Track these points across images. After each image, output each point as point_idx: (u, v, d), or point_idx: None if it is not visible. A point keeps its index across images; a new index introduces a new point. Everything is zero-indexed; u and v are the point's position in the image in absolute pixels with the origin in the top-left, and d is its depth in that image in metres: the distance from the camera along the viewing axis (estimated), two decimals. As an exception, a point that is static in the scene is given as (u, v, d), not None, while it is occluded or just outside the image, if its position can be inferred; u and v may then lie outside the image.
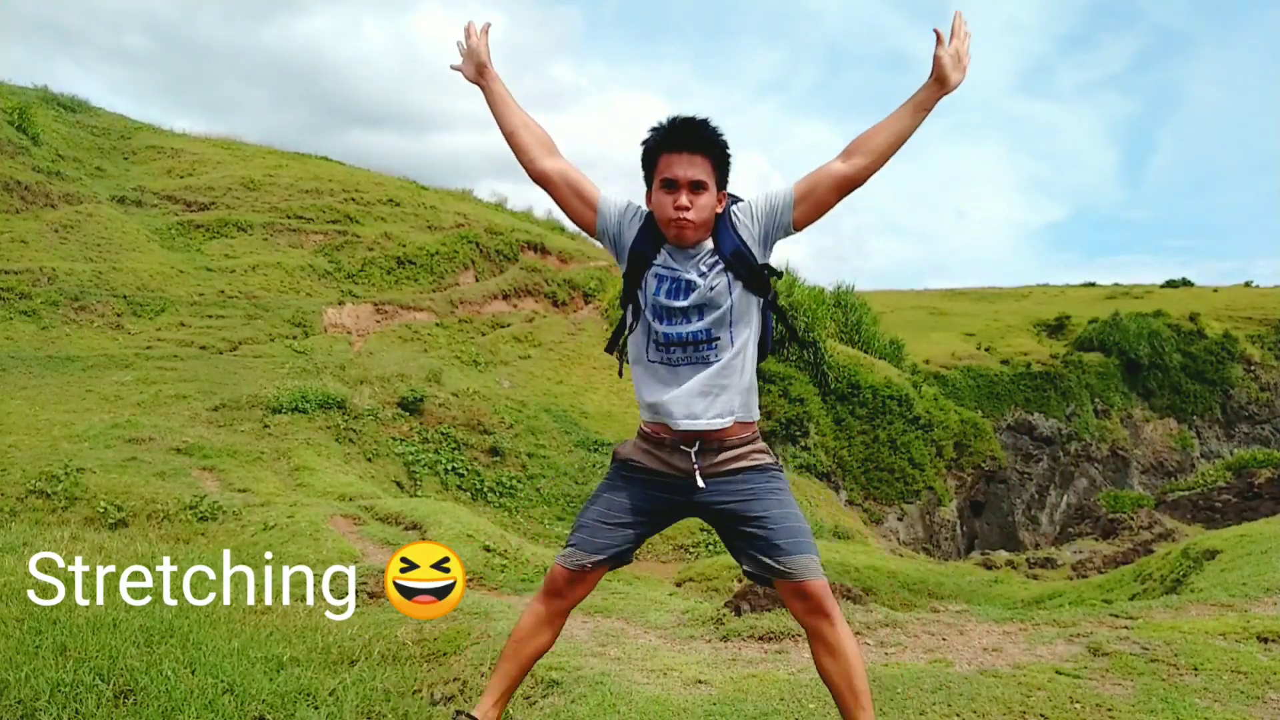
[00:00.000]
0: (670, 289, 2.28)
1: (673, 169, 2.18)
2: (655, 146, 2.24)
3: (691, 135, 2.19)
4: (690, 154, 2.18)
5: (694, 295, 2.27)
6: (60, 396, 12.27)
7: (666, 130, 2.23)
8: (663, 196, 2.21)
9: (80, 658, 3.82)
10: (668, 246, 2.29)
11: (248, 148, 26.65)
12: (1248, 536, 7.31)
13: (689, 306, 2.28)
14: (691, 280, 2.27)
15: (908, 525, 19.71)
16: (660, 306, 2.29)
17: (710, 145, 2.21)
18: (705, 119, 2.23)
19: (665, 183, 2.19)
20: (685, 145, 2.19)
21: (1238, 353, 39.64)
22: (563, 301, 22.99)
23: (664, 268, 2.29)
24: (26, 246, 16.76)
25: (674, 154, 2.19)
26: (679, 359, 2.32)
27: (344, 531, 8.03)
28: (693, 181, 2.18)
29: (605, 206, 2.35)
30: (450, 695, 4.02)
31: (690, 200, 2.18)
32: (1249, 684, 3.63)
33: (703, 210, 2.20)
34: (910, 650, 4.45)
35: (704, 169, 2.19)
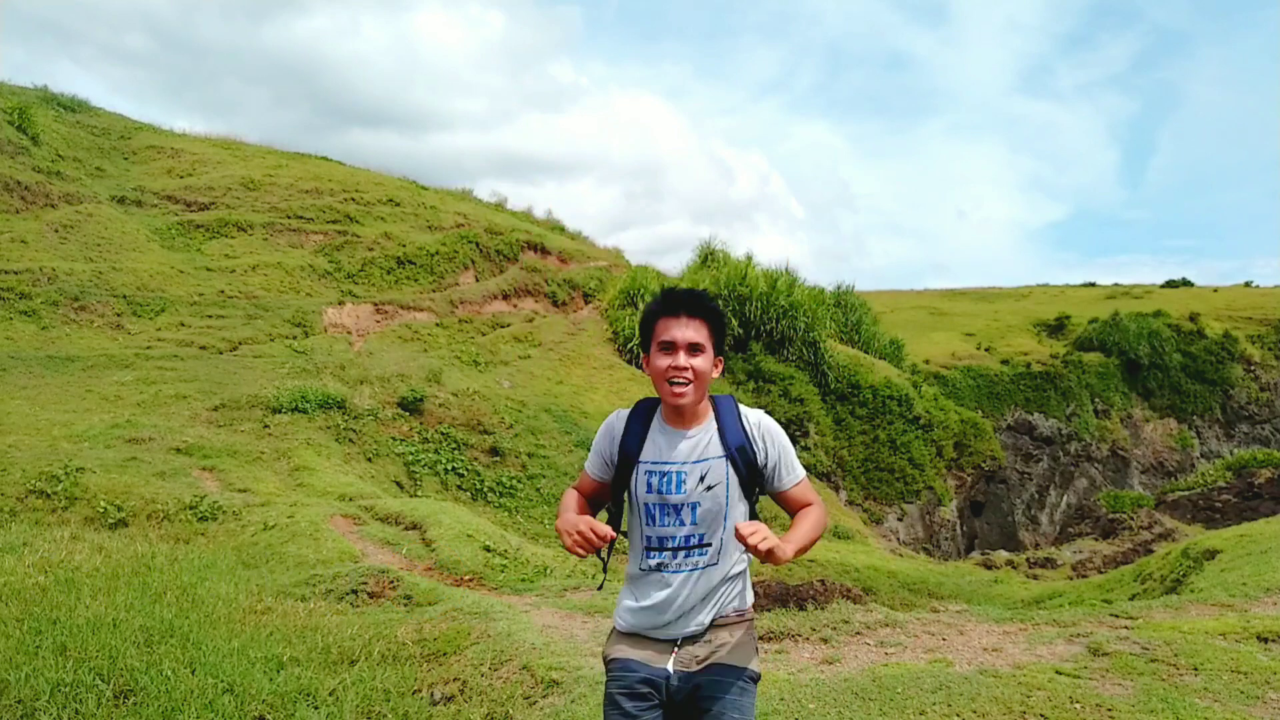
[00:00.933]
0: (659, 483, 2.25)
1: (670, 332, 2.23)
2: (653, 314, 2.29)
3: (688, 302, 2.26)
4: (688, 318, 2.24)
5: (683, 491, 2.24)
6: (60, 396, 12.27)
7: (663, 299, 2.29)
8: (661, 358, 2.23)
9: (80, 658, 3.82)
10: (657, 426, 2.29)
11: (248, 148, 26.67)
12: (1248, 536, 7.32)
13: (679, 503, 2.24)
14: (682, 475, 2.24)
15: (908, 525, 19.71)
16: (645, 505, 2.25)
17: (707, 312, 2.26)
18: (701, 291, 2.32)
19: (663, 345, 2.23)
20: (682, 310, 2.24)
21: (1238, 353, 39.64)
22: (563, 301, 22.99)
23: (652, 461, 2.26)
24: (26, 246, 16.77)
25: (671, 318, 2.24)
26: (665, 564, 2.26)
27: (344, 531, 8.03)
28: (691, 343, 2.22)
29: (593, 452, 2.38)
30: (450, 695, 4.02)
31: (689, 361, 2.21)
32: (1249, 684, 3.63)
33: (702, 371, 2.22)
34: (910, 650, 4.45)
35: (701, 332, 2.24)
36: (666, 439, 2.27)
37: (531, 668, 4.12)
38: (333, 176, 24.49)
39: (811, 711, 3.57)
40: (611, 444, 2.32)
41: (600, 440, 2.35)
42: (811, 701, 3.65)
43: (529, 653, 4.31)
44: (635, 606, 2.28)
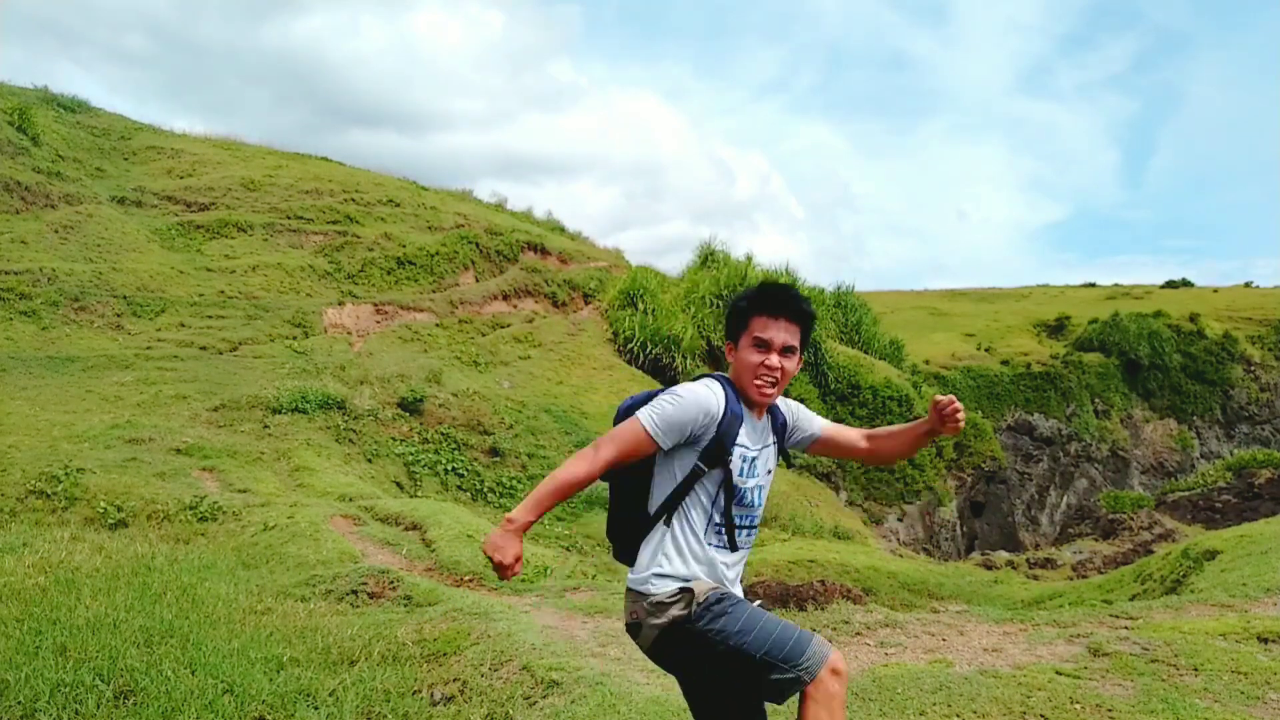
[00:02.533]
0: (749, 468, 2.34)
1: (768, 330, 2.29)
2: (751, 306, 2.33)
3: (789, 304, 2.31)
4: (787, 321, 2.30)
5: (756, 476, 2.36)
6: (60, 397, 12.26)
7: (765, 294, 2.33)
8: (753, 354, 2.29)
9: (80, 658, 3.82)
10: (748, 419, 2.34)
11: (248, 148, 26.66)
12: (1248, 537, 7.31)
13: (754, 487, 2.36)
14: (759, 457, 2.37)
15: (908, 525, 19.71)
16: (738, 489, 2.32)
17: (804, 317, 2.33)
18: (798, 291, 2.37)
19: (759, 342, 2.29)
20: (782, 311, 2.30)
21: (1238, 353, 39.63)
22: (563, 302, 22.99)
23: (745, 445, 2.32)
24: (26, 247, 16.77)
25: (770, 318, 2.29)
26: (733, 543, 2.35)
27: (344, 532, 8.03)
28: (785, 346, 2.29)
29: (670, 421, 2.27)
30: (450, 696, 4.02)
31: (779, 361, 2.28)
32: (1249, 684, 3.63)
33: (788, 375, 2.31)
34: (910, 650, 4.45)
35: (795, 335, 2.31)
36: (751, 425, 2.34)
37: (531, 668, 4.13)
38: (333, 177, 24.49)
39: (811, 712, 3.56)
40: (709, 422, 2.26)
41: (688, 413, 2.25)
42: (811, 702, 3.64)
43: (529, 653, 4.31)
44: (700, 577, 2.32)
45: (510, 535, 2.22)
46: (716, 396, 2.29)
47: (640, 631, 2.35)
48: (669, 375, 19.89)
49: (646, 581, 2.32)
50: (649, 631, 2.32)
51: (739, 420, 2.30)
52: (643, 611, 2.32)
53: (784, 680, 2.17)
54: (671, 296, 22.56)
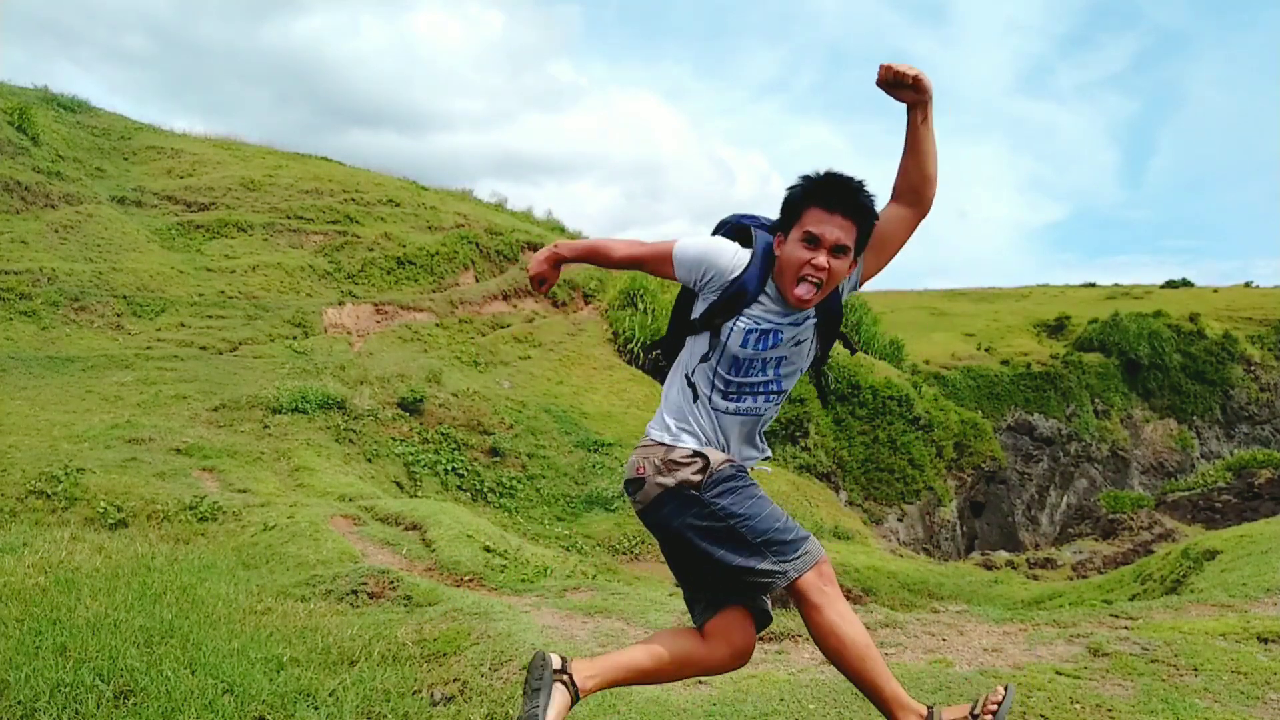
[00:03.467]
0: (756, 340, 2.21)
1: (821, 226, 2.10)
2: (805, 196, 2.14)
3: (848, 197, 2.11)
4: (843, 216, 2.11)
5: (778, 348, 2.23)
6: (60, 397, 12.26)
7: (822, 184, 2.13)
8: (801, 250, 2.12)
9: (80, 658, 3.82)
10: (769, 293, 2.20)
11: (248, 148, 26.66)
12: (1248, 537, 7.31)
13: (768, 358, 2.24)
14: (779, 330, 2.22)
15: (908, 525, 19.71)
16: (736, 358, 2.22)
17: (863, 212, 2.13)
18: (862, 182, 2.14)
19: (809, 236, 2.11)
20: (839, 206, 2.11)
21: (1238, 353, 39.64)
22: (563, 302, 22.99)
23: (755, 318, 2.20)
24: (26, 247, 16.76)
25: (825, 211, 2.11)
26: (737, 408, 2.27)
27: (344, 532, 8.03)
28: (837, 245, 2.11)
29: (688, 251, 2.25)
30: (450, 695, 4.02)
31: (828, 262, 2.10)
32: (1249, 684, 3.63)
33: (836, 277, 2.14)
34: (910, 650, 4.45)
35: (850, 234, 2.12)
36: (773, 299, 2.20)
37: (531, 668, 4.12)
38: (333, 177, 24.48)
39: (812, 712, 3.57)
40: (713, 277, 2.20)
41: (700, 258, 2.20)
42: (812, 702, 3.65)
43: (529, 653, 4.31)
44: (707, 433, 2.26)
45: (549, 258, 2.40)
46: (734, 260, 2.19)
47: (641, 488, 2.26)
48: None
49: (663, 431, 2.27)
50: (650, 489, 2.23)
51: (751, 289, 2.17)
52: (650, 467, 2.24)
53: (768, 573, 2.13)
54: (672, 296, 22.55)
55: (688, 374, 2.28)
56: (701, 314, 2.24)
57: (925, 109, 2.09)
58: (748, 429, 2.31)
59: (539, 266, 2.40)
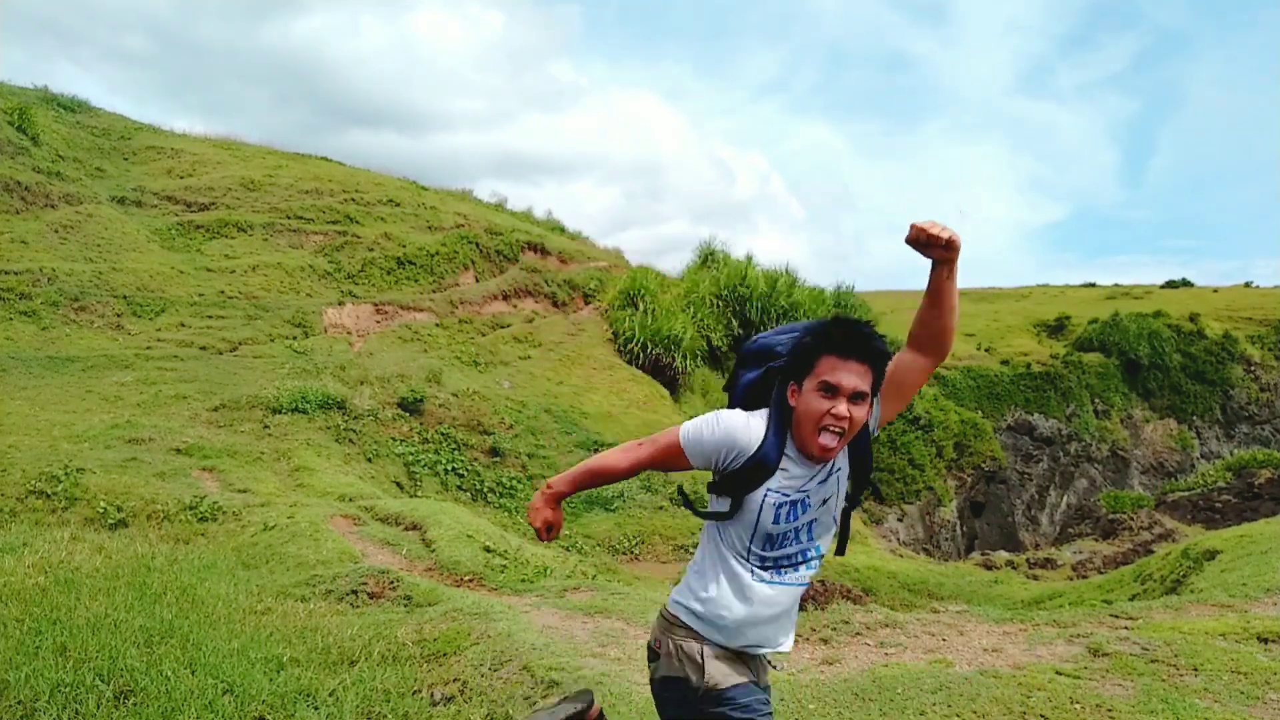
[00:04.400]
0: (787, 513, 2.12)
1: (838, 374, 2.03)
2: (818, 345, 2.08)
3: (862, 344, 2.06)
4: (858, 362, 2.05)
5: (808, 513, 2.15)
6: (60, 397, 12.26)
7: (835, 332, 2.08)
8: (819, 400, 2.04)
9: (80, 658, 3.82)
10: (790, 455, 2.12)
11: (248, 148, 26.66)
12: (1248, 537, 7.32)
13: (799, 526, 2.15)
14: (807, 497, 2.13)
15: (908, 525, 19.71)
16: (770, 534, 2.13)
17: (878, 357, 2.08)
18: (873, 327, 2.12)
19: (826, 386, 2.04)
20: (853, 353, 2.05)
21: (1238, 353, 39.64)
22: (563, 302, 22.99)
23: (783, 490, 2.11)
24: (26, 247, 16.77)
25: (840, 359, 2.04)
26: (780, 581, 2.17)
27: (344, 532, 8.03)
28: (855, 392, 2.04)
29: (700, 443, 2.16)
30: (450, 696, 4.02)
31: (849, 410, 2.04)
32: (1249, 684, 3.63)
33: (857, 424, 2.07)
34: (910, 650, 4.45)
35: (867, 379, 2.06)
36: (797, 466, 2.11)
37: (531, 668, 4.13)
38: (333, 177, 24.49)
39: (812, 712, 3.57)
40: (735, 457, 2.11)
41: (716, 441, 2.12)
42: (812, 702, 3.65)
43: (529, 653, 4.31)
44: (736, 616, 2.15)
45: (546, 500, 2.25)
46: (749, 434, 2.10)
47: (656, 660, 2.21)
48: (669, 375, 19.89)
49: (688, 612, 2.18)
50: (663, 666, 2.18)
51: (772, 461, 2.09)
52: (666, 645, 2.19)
53: None
54: (671, 296, 22.57)
55: (719, 544, 2.19)
56: (721, 482, 2.16)
57: (952, 265, 2.06)
58: (785, 605, 2.20)
59: (541, 515, 2.24)
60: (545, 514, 2.25)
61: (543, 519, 2.25)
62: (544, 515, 2.25)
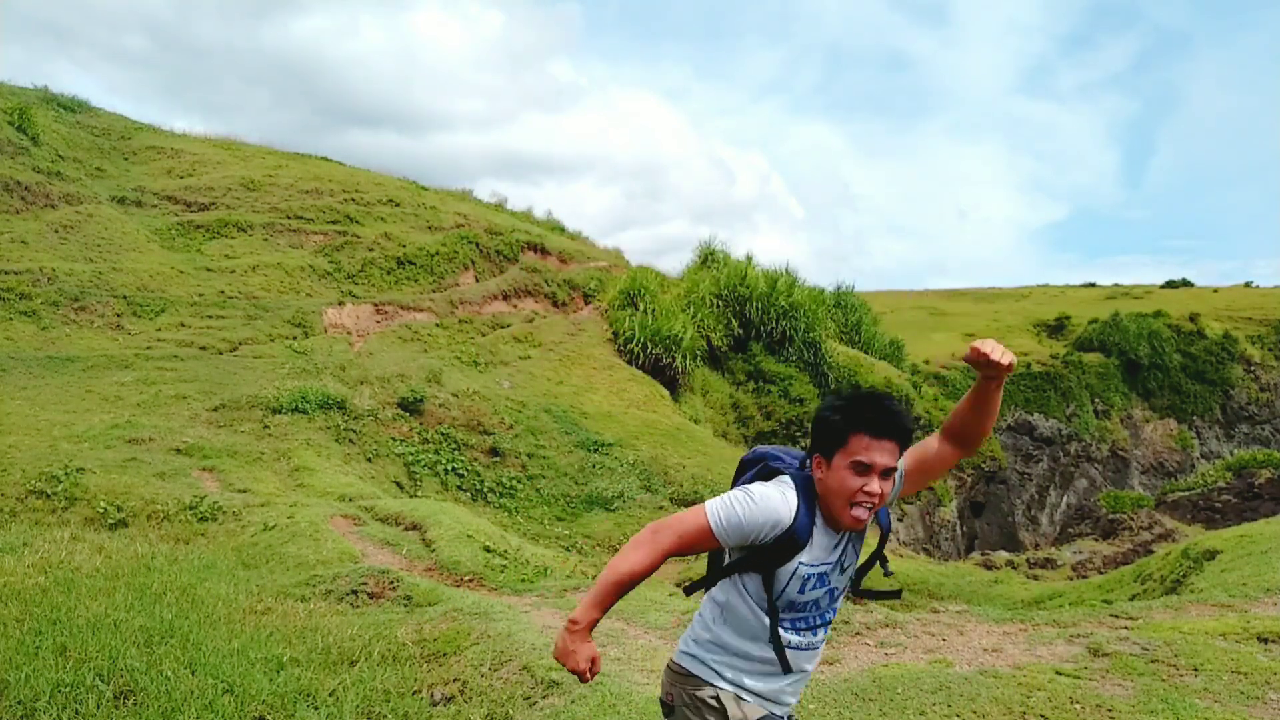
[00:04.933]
0: (813, 585, 2.17)
1: (871, 454, 2.07)
2: (848, 424, 2.10)
3: (895, 423, 2.10)
4: (889, 441, 2.09)
5: (830, 580, 2.20)
6: (60, 397, 12.27)
7: (867, 411, 2.11)
8: (851, 477, 2.08)
9: (80, 658, 3.82)
10: (818, 526, 2.16)
11: (248, 148, 26.67)
12: (1248, 537, 7.31)
13: (820, 596, 2.20)
14: (829, 570, 2.19)
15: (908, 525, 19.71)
16: (794, 603, 2.17)
17: (907, 434, 2.13)
18: (901, 404, 2.17)
19: (859, 465, 2.08)
20: (886, 433, 2.08)
21: (1238, 353, 39.66)
22: (563, 302, 22.99)
23: (811, 563, 2.14)
24: (26, 247, 16.77)
25: (874, 439, 2.08)
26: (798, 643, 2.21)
27: (344, 532, 8.03)
28: (886, 469, 2.09)
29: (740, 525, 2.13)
30: (450, 696, 4.02)
31: (880, 487, 2.09)
32: (1249, 684, 3.63)
33: (886, 497, 2.13)
34: (910, 650, 4.45)
35: (895, 456, 2.12)
36: (823, 538, 2.16)
37: (531, 668, 4.13)
38: (333, 177, 24.49)
39: (812, 712, 3.57)
40: (774, 533, 2.11)
41: (756, 521, 2.10)
42: (812, 702, 3.65)
43: (529, 653, 4.31)
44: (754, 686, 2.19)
45: (577, 637, 2.11)
46: (789, 507, 2.11)
47: (671, 714, 2.21)
48: (669, 375, 19.89)
49: (695, 661, 2.20)
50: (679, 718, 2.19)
51: (805, 536, 2.12)
52: (678, 697, 2.20)
53: None
54: (671, 296, 22.57)
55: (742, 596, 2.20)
56: (748, 558, 2.17)
57: (1001, 380, 2.14)
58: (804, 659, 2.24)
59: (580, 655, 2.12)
60: (583, 652, 2.11)
61: (584, 658, 2.11)
62: (584, 654, 2.11)
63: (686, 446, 15.78)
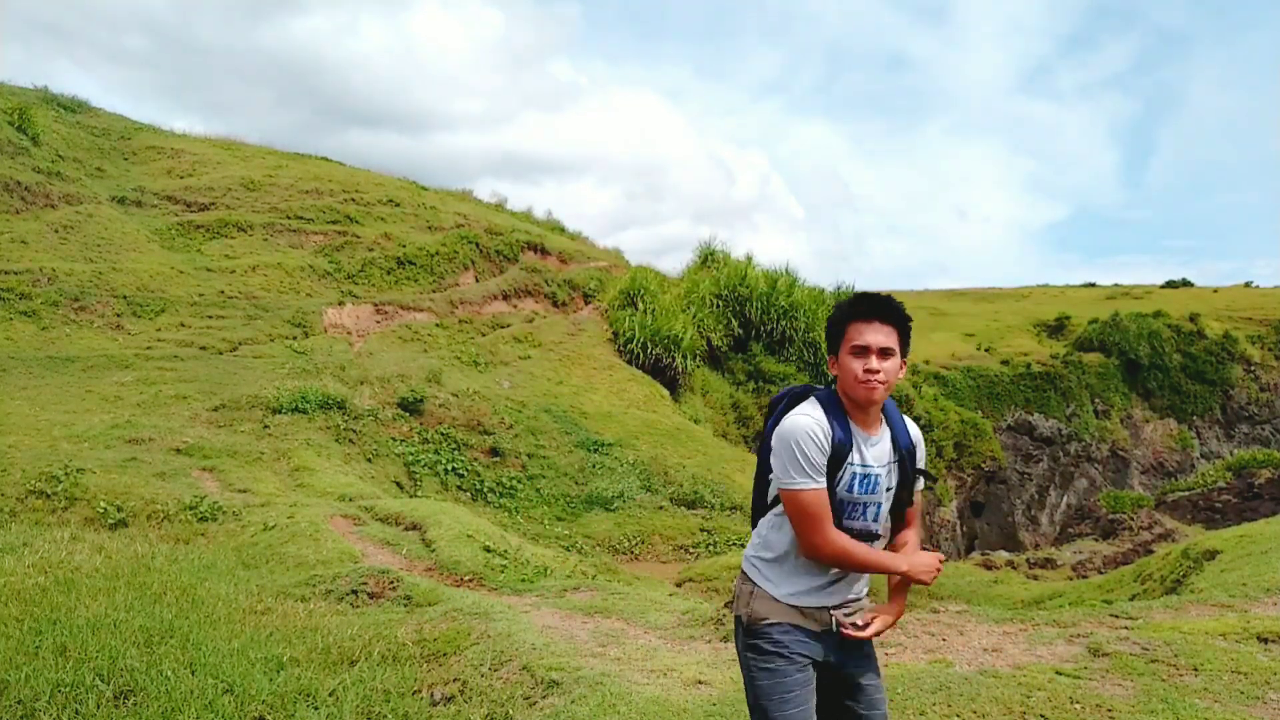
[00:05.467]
0: (860, 483, 2.37)
1: (863, 336, 2.31)
2: (845, 318, 2.37)
3: (881, 307, 2.34)
4: (880, 323, 2.32)
5: (876, 494, 2.40)
6: (60, 397, 12.26)
7: (856, 303, 2.37)
8: (853, 361, 2.32)
9: (80, 658, 3.82)
10: (858, 437, 2.37)
11: (248, 148, 26.68)
12: (1248, 537, 7.31)
13: (868, 502, 2.40)
14: (879, 477, 2.39)
15: (908, 525, 19.72)
16: (841, 501, 2.36)
17: (898, 317, 2.35)
18: (890, 296, 2.39)
19: (856, 349, 2.32)
20: (874, 315, 2.33)
21: (1238, 353, 39.66)
22: (563, 302, 22.99)
23: (859, 465, 2.36)
24: (26, 247, 16.77)
25: (864, 322, 2.32)
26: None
27: (344, 532, 8.03)
28: (882, 348, 2.30)
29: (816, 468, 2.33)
30: (450, 696, 4.02)
31: (880, 365, 2.30)
32: (1249, 684, 3.63)
33: (890, 374, 2.32)
34: (910, 650, 4.45)
35: (891, 337, 2.33)
36: (866, 444, 2.37)
37: (531, 668, 4.13)
38: (333, 177, 24.49)
39: (811, 712, 3.56)
40: (823, 453, 2.32)
41: (811, 452, 2.31)
42: (811, 702, 3.64)
43: (529, 653, 4.31)
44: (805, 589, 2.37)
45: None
46: (818, 420, 2.34)
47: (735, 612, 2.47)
48: (669, 375, 19.89)
49: (753, 567, 2.45)
50: (735, 611, 2.46)
51: (848, 437, 2.35)
52: (739, 596, 2.45)
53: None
54: (671, 296, 22.57)
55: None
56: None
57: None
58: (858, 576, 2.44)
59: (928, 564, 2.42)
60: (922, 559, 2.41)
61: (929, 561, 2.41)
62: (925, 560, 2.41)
63: (686, 446, 15.78)
